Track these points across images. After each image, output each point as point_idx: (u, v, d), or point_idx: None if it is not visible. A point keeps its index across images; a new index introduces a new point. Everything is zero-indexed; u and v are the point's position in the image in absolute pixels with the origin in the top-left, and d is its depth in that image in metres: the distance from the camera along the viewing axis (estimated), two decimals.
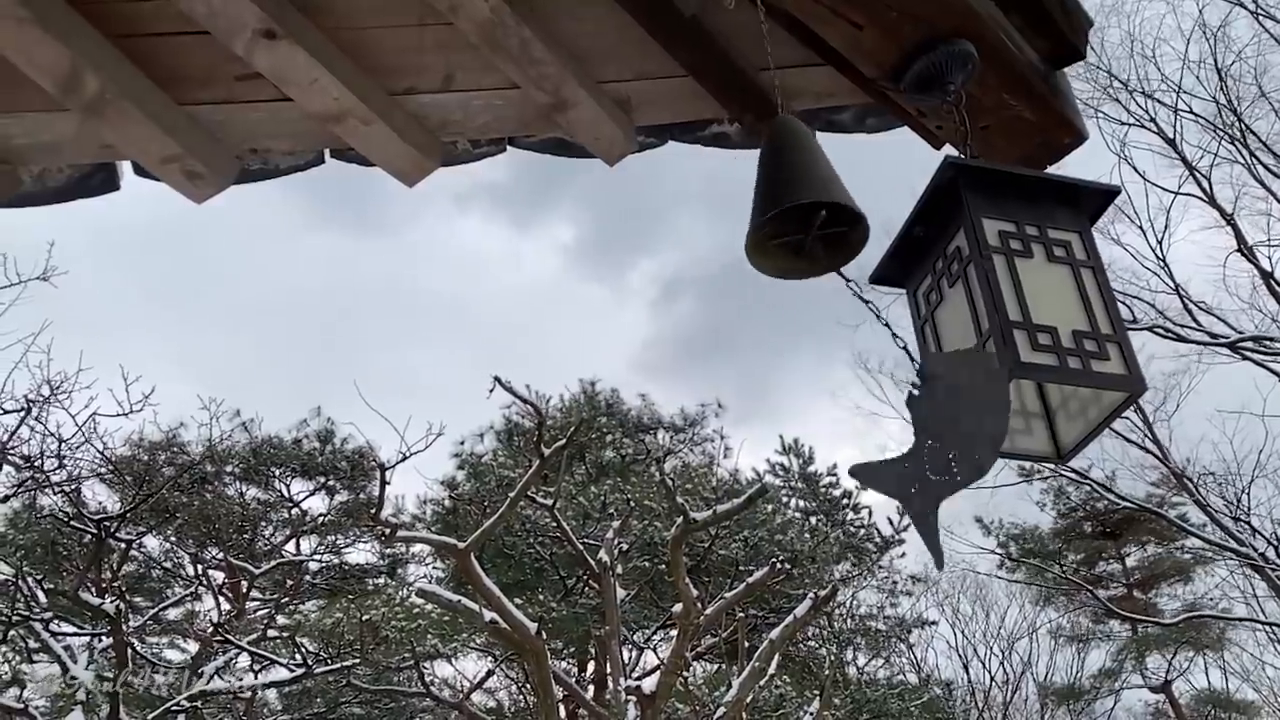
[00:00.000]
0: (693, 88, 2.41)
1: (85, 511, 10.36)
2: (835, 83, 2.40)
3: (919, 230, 1.92)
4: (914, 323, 1.98)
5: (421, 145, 2.42)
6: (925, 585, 20.67)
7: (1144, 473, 16.22)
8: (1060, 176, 1.89)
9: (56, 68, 2.09)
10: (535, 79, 2.27)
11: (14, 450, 9.53)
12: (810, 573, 14.88)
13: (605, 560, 9.85)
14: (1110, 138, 14.07)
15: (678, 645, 9.16)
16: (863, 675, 17.66)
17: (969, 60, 2.01)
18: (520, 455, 16.28)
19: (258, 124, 2.39)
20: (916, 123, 2.35)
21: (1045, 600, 23.48)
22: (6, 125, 2.31)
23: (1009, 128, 2.23)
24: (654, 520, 14.10)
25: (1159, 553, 23.75)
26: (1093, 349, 1.68)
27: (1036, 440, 1.85)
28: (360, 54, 2.28)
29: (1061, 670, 24.04)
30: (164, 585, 17.65)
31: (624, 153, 2.51)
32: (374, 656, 13.26)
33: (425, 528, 15.61)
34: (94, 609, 9.22)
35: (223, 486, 17.98)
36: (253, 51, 2.13)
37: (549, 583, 15.23)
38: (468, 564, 8.15)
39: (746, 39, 2.33)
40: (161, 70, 2.25)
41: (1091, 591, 20.30)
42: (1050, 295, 1.73)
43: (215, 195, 2.48)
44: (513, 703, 17.87)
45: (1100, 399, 1.75)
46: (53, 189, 2.56)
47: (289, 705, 16.31)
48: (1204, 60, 13.80)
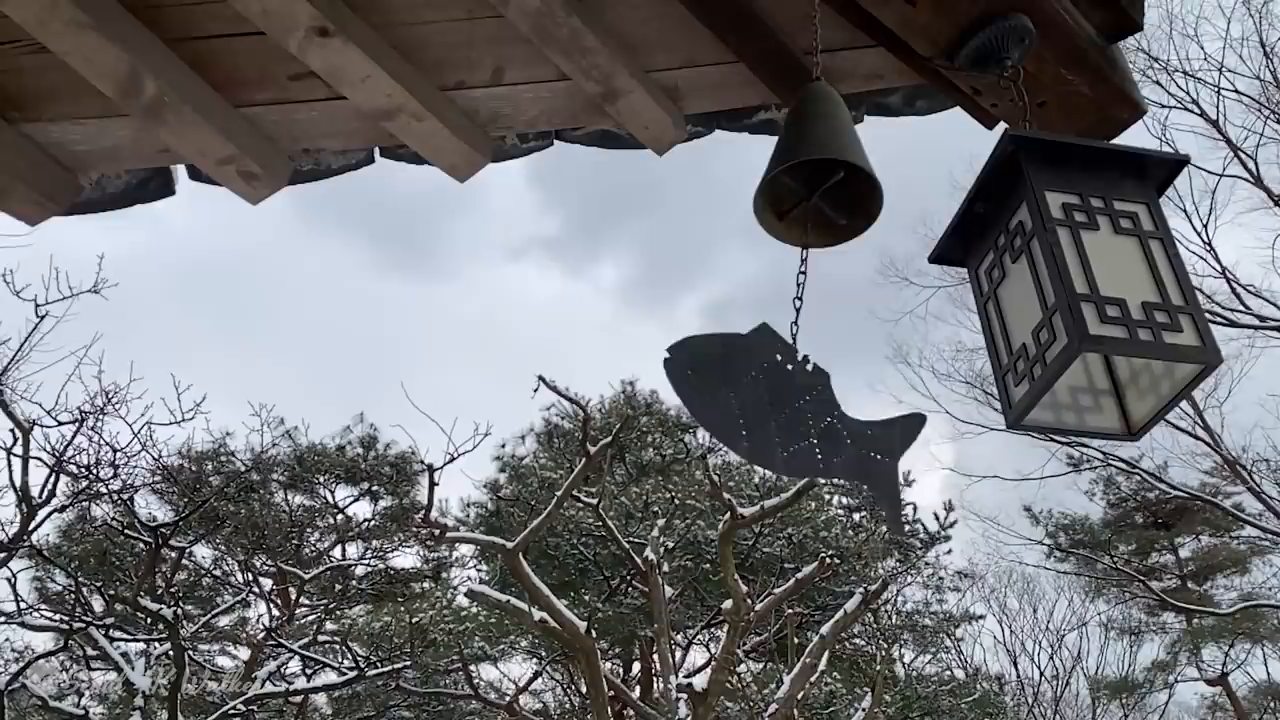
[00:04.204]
0: (741, 74, 2.40)
1: (139, 520, 10.54)
2: (884, 64, 2.37)
3: (979, 206, 1.89)
4: (976, 301, 1.94)
5: (472, 140, 2.43)
6: (972, 580, 20.49)
7: (1196, 461, 15.95)
8: (1125, 146, 1.85)
9: (116, 72, 2.13)
10: (585, 69, 2.27)
11: (71, 460, 9.72)
12: (856, 569, 14.78)
13: (652, 558, 9.84)
14: (1152, 121, 13.85)
15: (728, 642, 9.13)
16: (911, 671, 17.50)
17: (1026, 35, 1.98)
18: (561, 457, 16.34)
19: (311, 123, 2.41)
20: (970, 101, 2.32)
21: (1095, 593, 23.12)
22: (68, 131, 2.36)
23: (1066, 103, 2.19)
24: (697, 519, 14.08)
25: (1213, 543, 23.28)
26: (1164, 320, 1.64)
27: (1106, 417, 1.81)
28: (411, 49, 2.30)
29: (1113, 664, 23.68)
30: (214, 593, 17.91)
31: (674, 141, 2.51)
32: (422, 659, 13.36)
33: (469, 530, 15.70)
34: (153, 614, 9.38)
35: (269, 494, 18.20)
36: (306, 50, 2.15)
37: (593, 583, 15.26)
38: (516, 564, 8.18)
39: (795, 23, 2.32)
40: (217, 72, 2.29)
41: (1144, 582, 19.96)
42: (1118, 267, 1.70)
43: (270, 195, 2.51)
44: (559, 704, 17.93)
45: (1173, 372, 1.71)
46: (111, 195, 2.61)
47: (339, 709, 16.49)
48: (1247, 38, 13.54)
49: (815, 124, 1.90)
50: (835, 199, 1.93)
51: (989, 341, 1.90)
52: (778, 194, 1.95)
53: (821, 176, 1.91)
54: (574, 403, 9.69)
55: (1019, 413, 1.75)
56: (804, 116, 1.93)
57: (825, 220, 1.96)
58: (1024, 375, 1.76)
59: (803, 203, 1.95)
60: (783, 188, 1.95)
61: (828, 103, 1.96)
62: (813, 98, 1.98)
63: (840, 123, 1.91)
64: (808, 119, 1.92)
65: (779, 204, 1.97)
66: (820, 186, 1.91)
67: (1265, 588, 21.03)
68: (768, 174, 1.88)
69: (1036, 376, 1.71)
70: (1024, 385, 1.76)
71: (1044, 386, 1.69)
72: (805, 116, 1.93)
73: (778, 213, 1.97)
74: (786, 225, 1.98)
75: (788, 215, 1.98)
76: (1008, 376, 1.82)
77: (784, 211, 1.98)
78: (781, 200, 1.97)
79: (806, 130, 1.90)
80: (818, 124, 1.90)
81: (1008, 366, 1.82)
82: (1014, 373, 1.80)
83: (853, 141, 1.88)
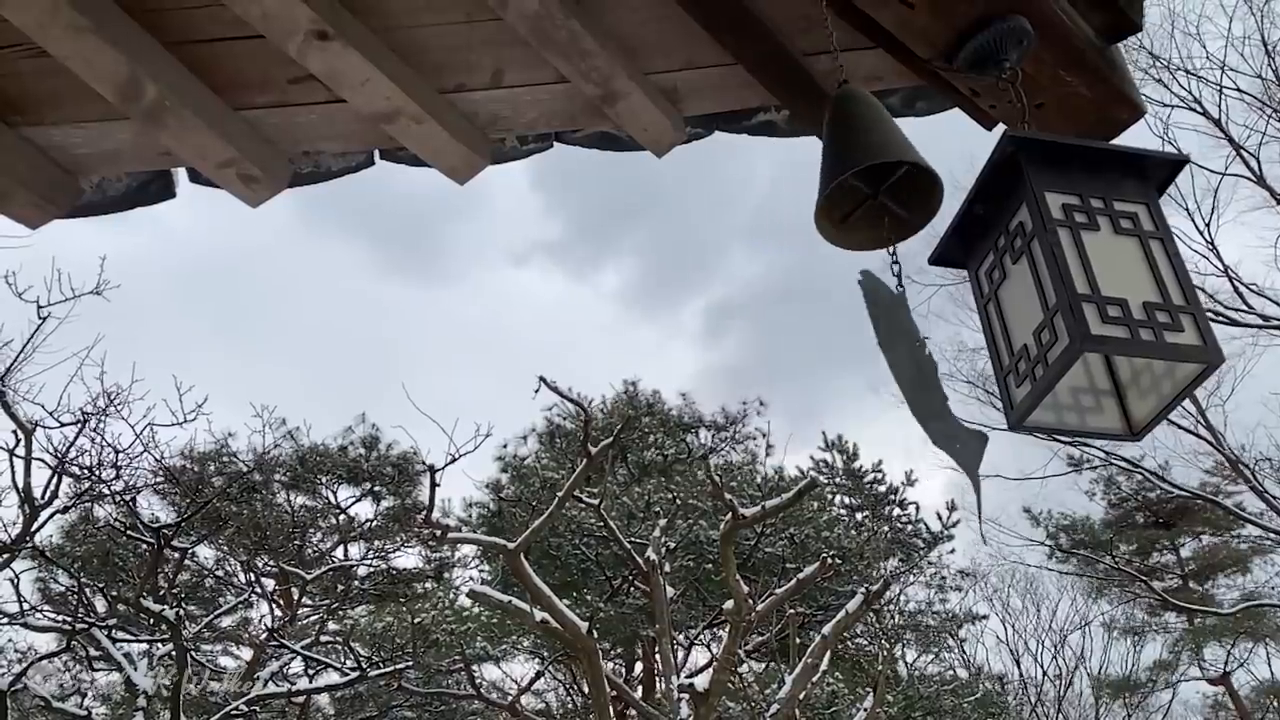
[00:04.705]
0: (740, 76, 2.40)
1: (142, 521, 10.56)
2: (884, 65, 2.38)
3: (979, 208, 1.90)
4: (977, 302, 1.94)
5: (472, 142, 2.44)
6: (974, 580, 20.48)
7: (1198, 460, 15.94)
8: (1125, 147, 1.85)
9: (116, 76, 2.13)
10: (585, 71, 2.27)
11: (73, 461, 9.74)
12: (859, 569, 14.78)
13: (653, 559, 9.84)
14: (1153, 120, 13.84)
15: (729, 642, 9.13)
16: (913, 671, 17.50)
17: (1024, 36, 1.98)
18: (563, 457, 16.35)
19: (310, 126, 2.42)
20: (969, 103, 2.32)
21: (1098, 593, 23.10)
22: (69, 135, 2.36)
23: (1065, 105, 2.19)
24: (698, 519, 14.08)
25: (1215, 542, 23.26)
26: (1165, 320, 1.64)
27: (1108, 418, 1.81)
28: (410, 53, 2.30)
29: (1116, 663, 23.66)
30: (216, 593, 17.93)
31: (673, 143, 2.51)
32: (425, 659, 13.37)
33: (471, 530, 15.71)
34: (155, 615, 9.39)
35: (271, 495, 18.22)
36: (306, 53, 2.16)
37: (595, 583, 15.27)
38: (518, 564, 8.19)
39: (794, 24, 2.32)
40: (217, 76, 2.29)
41: (1146, 582, 19.94)
42: (1119, 267, 1.70)
43: (270, 198, 2.52)
44: (560, 705, 17.94)
45: (1174, 372, 1.71)
46: (112, 198, 2.61)
47: (341, 709, 16.51)
48: (1249, 36, 13.54)
49: (863, 127, 1.91)
50: (895, 195, 1.94)
51: (990, 343, 1.90)
52: (834, 202, 1.96)
53: (877, 178, 1.92)
54: (575, 403, 9.70)
55: (1020, 414, 1.75)
56: (848, 120, 1.93)
57: (892, 216, 1.97)
58: (1025, 376, 1.76)
59: (862, 205, 1.95)
60: (840, 196, 1.96)
61: (868, 105, 1.97)
62: (850, 100, 1.98)
63: (888, 123, 1.93)
64: (853, 122, 1.92)
65: (835, 211, 1.97)
66: (880, 187, 1.92)
67: (1268, 587, 21.01)
68: (828, 184, 1.88)
69: (1038, 377, 1.71)
70: (1025, 386, 1.76)
71: (1045, 387, 1.69)
72: (850, 120, 1.93)
73: (835, 220, 1.97)
74: (846, 230, 1.98)
75: (848, 219, 1.98)
76: (1009, 377, 1.82)
77: (842, 217, 1.98)
78: (837, 207, 1.97)
79: (858, 134, 1.90)
80: (866, 127, 1.91)
81: (1009, 367, 1.82)
82: (1015, 374, 1.80)
83: (905, 139, 1.90)
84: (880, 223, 1.96)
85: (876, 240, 1.97)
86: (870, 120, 1.93)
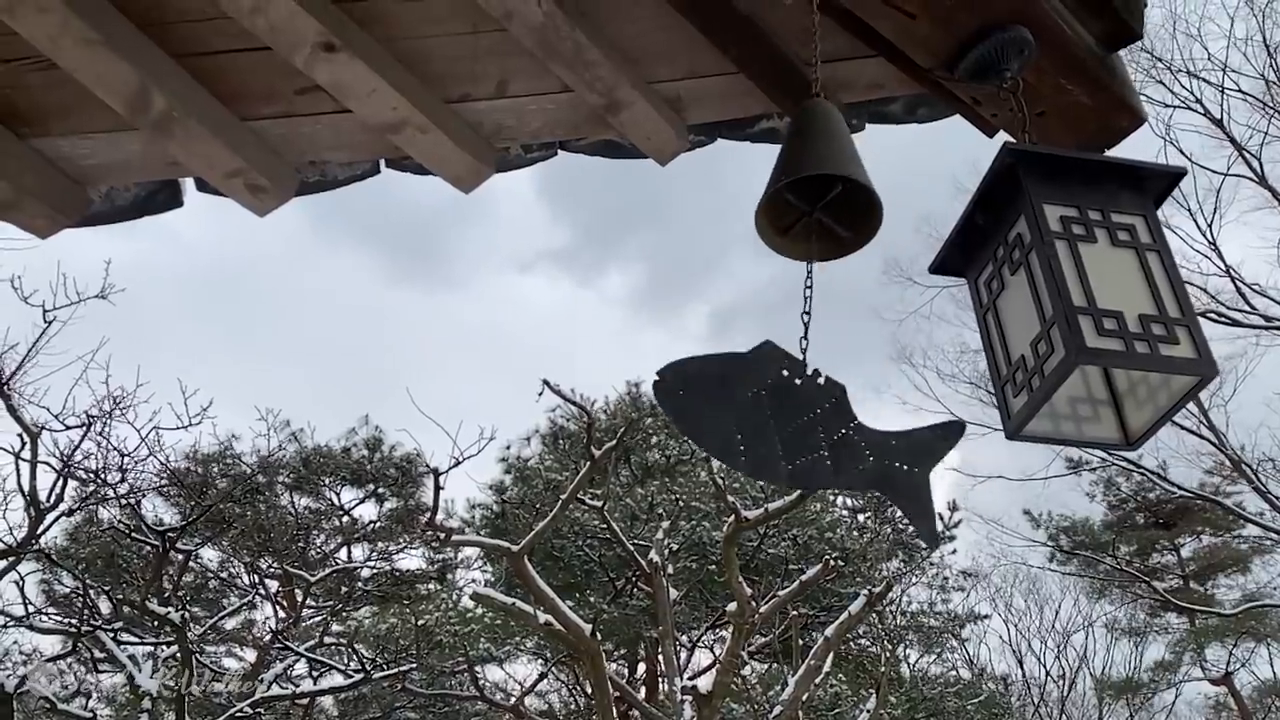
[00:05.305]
0: (743, 84, 2.42)
1: (146, 524, 10.59)
2: (885, 73, 2.39)
3: (979, 218, 1.92)
4: (976, 312, 1.96)
5: (477, 152, 2.46)
6: (976, 580, 20.47)
7: (1199, 460, 15.94)
8: (1123, 159, 1.87)
9: (125, 88, 2.16)
10: (588, 81, 2.29)
11: (79, 464, 9.77)
12: (861, 570, 14.79)
13: (656, 561, 9.86)
14: (1155, 121, 13.84)
15: (732, 644, 9.15)
16: (916, 672, 17.50)
17: (1025, 46, 2.00)
18: (566, 458, 16.36)
19: (317, 136, 2.44)
20: (970, 111, 2.33)
21: (1099, 593, 23.09)
22: (77, 146, 2.39)
23: (1066, 113, 2.21)
24: (702, 521, 14.09)
25: (1215, 542, 23.26)
26: (1160, 333, 1.66)
27: (1105, 427, 1.83)
28: (416, 63, 2.32)
29: (1119, 664, 23.63)
30: (221, 595, 17.97)
31: (676, 151, 2.53)
32: (428, 661, 13.39)
33: (475, 532, 15.74)
34: (160, 618, 9.43)
35: (275, 497, 18.26)
36: (313, 65, 2.18)
37: (598, 584, 15.28)
38: (521, 566, 8.21)
39: (796, 33, 2.34)
40: (225, 87, 2.31)
41: (1148, 582, 19.94)
42: (1115, 280, 1.72)
43: (277, 207, 2.54)
44: (564, 706, 17.95)
45: (1170, 384, 1.73)
46: (120, 207, 2.63)
47: (345, 711, 16.53)
48: (1251, 37, 13.55)
49: (815, 140, 1.92)
50: (837, 212, 1.95)
51: (988, 352, 1.92)
52: (779, 210, 1.97)
53: (823, 191, 1.93)
54: (578, 406, 9.72)
55: (1018, 424, 1.77)
56: (803, 133, 1.96)
57: (828, 233, 1.99)
58: (1023, 386, 1.78)
59: (804, 217, 1.97)
60: (784, 204, 1.97)
61: (826, 119, 1.98)
62: (811, 114, 2.00)
63: (839, 139, 1.93)
64: (807, 135, 1.95)
65: (780, 219, 1.99)
66: (821, 201, 1.93)
67: (1269, 587, 20.99)
68: (768, 190, 1.90)
69: (1035, 388, 1.73)
70: (1023, 396, 1.78)
71: (1042, 398, 1.71)
72: (805, 133, 1.95)
73: (779, 228, 1.99)
74: (788, 240, 2.00)
75: (790, 230, 2.00)
76: (1007, 387, 1.84)
77: (786, 227, 2.00)
78: (783, 216, 1.99)
79: (806, 147, 1.92)
80: (817, 140, 1.92)
81: (1007, 377, 1.84)
82: (1013, 384, 1.82)
83: (852, 156, 1.90)
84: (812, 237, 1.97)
85: (805, 253, 1.98)
86: (822, 134, 1.94)
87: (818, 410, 1.76)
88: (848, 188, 1.92)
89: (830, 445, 1.76)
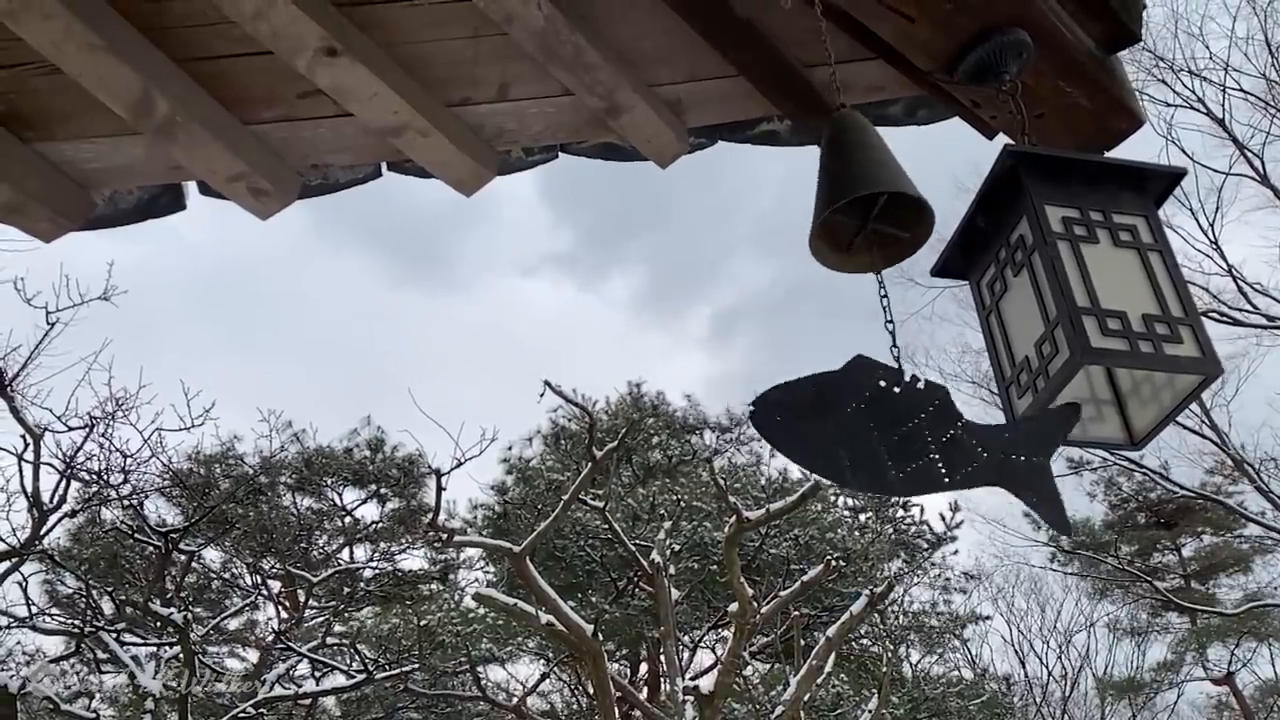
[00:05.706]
0: (743, 87, 2.43)
1: (149, 524, 10.60)
2: (886, 75, 2.40)
3: (981, 220, 1.92)
4: (979, 314, 1.97)
5: (478, 155, 2.46)
6: (978, 581, 20.47)
7: (1200, 459, 15.94)
8: (1124, 160, 1.87)
9: (129, 93, 2.16)
10: (589, 85, 2.30)
11: (81, 465, 9.78)
12: (862, 570, 14.79)
13: (658, 561, 9.87)
14: (1157, 120, 13.84)
15: (734, 645, 9.15)
16: (918, 672, 17.50)
17: (1024, 49, 2.00)
18: (568, 459, 16.36)
19: (319, 140, 2.44)
20: (970, 113, 2.34)
21: (1101, 593, 23.08)
22: (81, 150, 2.39)
23: (1065, 115, 2.21)
24: (703, 521, 14.10)
25: (1216, 542, 23.24)
26: (1164, 332, 1.67)
27: (1109, 427, 1.84)
28: (417, 67, 2.33)
29: (1121, 664, 23.61)
30: (223, 596, 17.98)
31: (677, 154, 2.53)
32: (430, 661, 13.40)
33: (476, 532, 15.74)
34: (163, 619, 9.44)
35: (277, 497, 18.26)
36: (315, 69, 2.19)
37: (600, 585, 15.28)
38: (523, 567, 8.21)
39: (795, 35, 2.34)
40: (227, 91, 2.32)
41: (1150, 582, 19.93)
42: (1118, 280, 1.72)
43: (279, 211, 2.55)
44: (566, 706, 17.94)
45: (1174, 383, 1.73)
46: (123, 210, 2.64)
47: (348, 711, 16.53)
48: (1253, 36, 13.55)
49: (855, 155, 1.90)
50: (889, 218, 1.94)
51: (992, 354, 1.92)
52: (831, 230, 1.95)
53: (870, 201, 1.91)
54: (580, 407, 9.72)
55: None
56: (842, 148, 1.93)
57: (886, 239, 1.96)
58: (1027, 388, 1.78)
59: (861, 231, 1.95)
60: (834, 223, 1.95)
61: (862, 131, 1.96)
62: (845, 127, 1.98)
63: (877, 150, 1.91)
64: (847, 150, 1.92)
65: (835, 238, 1.97)
66: (870, 213, 1.91)
67: (1271, 587, 20.98)
68: (819, 216, 1.87)
69: (1040, 389, 1.74)
70: (1028, 397, 1.79)
71: (1047, 399, 1.72)
72: (842, 149, 1.93)
73: (835, 246, 1.97)
74: (848, 256, 1.98)
75: (849, 246, 1.98)
76: (1011, 389, 1.85)
77: (842, 244, 1.98)
78: (837, 234, 1.97)
79: (849, 163, 1.89)
80: (855, 155, 1.90)
81: (1011, 379, 1.84)
82: (1017, 385, 1.82)
83: (894, 166, 1.88)
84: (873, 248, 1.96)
85: (869, 265, 1.97)
86: (859, 147, 1.92)
87: (921, 415, 1.72)
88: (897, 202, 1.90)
89: (940, 448, 1.70)
